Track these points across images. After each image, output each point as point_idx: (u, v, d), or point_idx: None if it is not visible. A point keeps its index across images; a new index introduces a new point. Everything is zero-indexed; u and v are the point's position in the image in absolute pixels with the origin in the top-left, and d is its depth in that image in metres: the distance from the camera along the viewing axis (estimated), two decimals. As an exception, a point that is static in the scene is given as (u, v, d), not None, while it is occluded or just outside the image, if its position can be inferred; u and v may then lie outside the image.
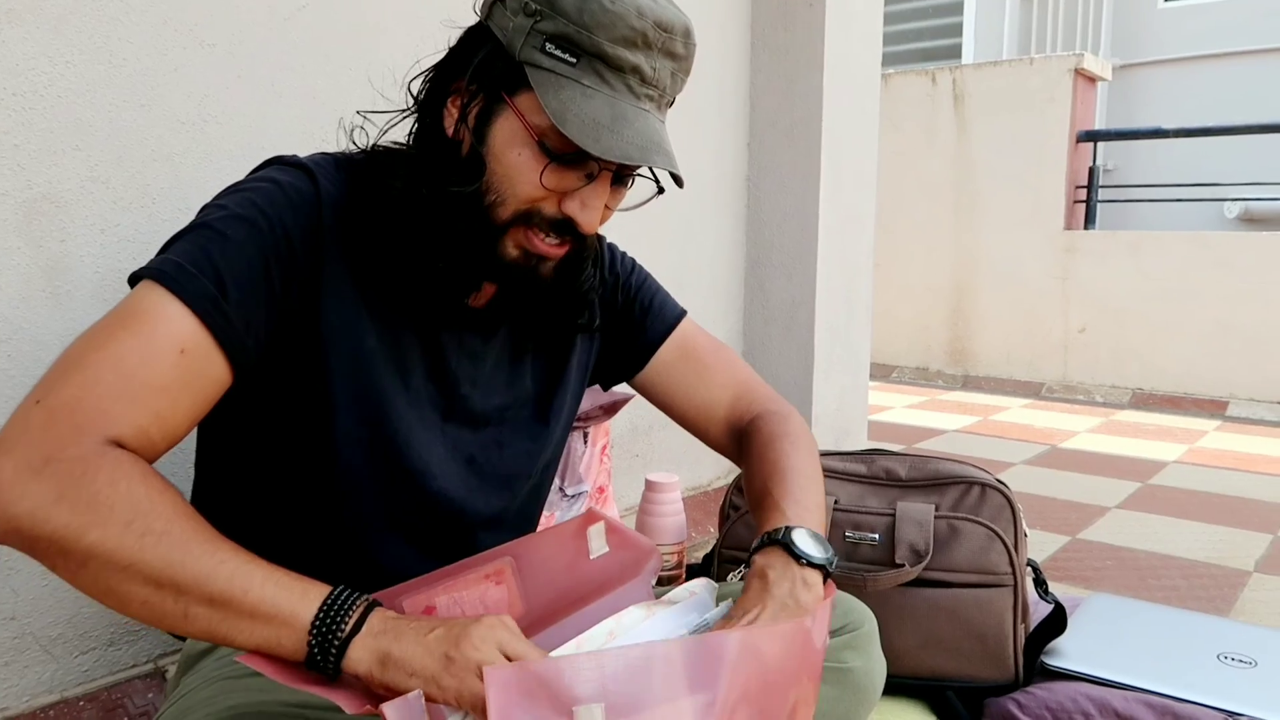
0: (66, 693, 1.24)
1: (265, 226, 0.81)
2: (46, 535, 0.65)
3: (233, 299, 0.78)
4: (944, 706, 1.40)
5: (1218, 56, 7.36)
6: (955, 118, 5.00)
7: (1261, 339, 4.28)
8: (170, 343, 0.74)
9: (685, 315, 1.14)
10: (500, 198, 0.83)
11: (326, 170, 0.87)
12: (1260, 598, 2.01)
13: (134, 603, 0.67)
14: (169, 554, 0.67)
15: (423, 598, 0.81)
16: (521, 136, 0.82)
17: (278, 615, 0.68)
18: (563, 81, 0.80)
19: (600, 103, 0.80)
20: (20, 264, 1.17)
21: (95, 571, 0.66)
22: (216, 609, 0.67)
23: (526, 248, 0.85)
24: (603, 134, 0.78)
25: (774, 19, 2.42)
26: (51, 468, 0.66)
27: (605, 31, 0.79)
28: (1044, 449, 3.46)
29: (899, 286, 5.16)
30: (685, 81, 0.87)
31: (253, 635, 0.68)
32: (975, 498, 1.41)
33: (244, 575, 0.68)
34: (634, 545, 0.95)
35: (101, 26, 1.21)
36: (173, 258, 0.78)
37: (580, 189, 0.83)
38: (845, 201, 2.51)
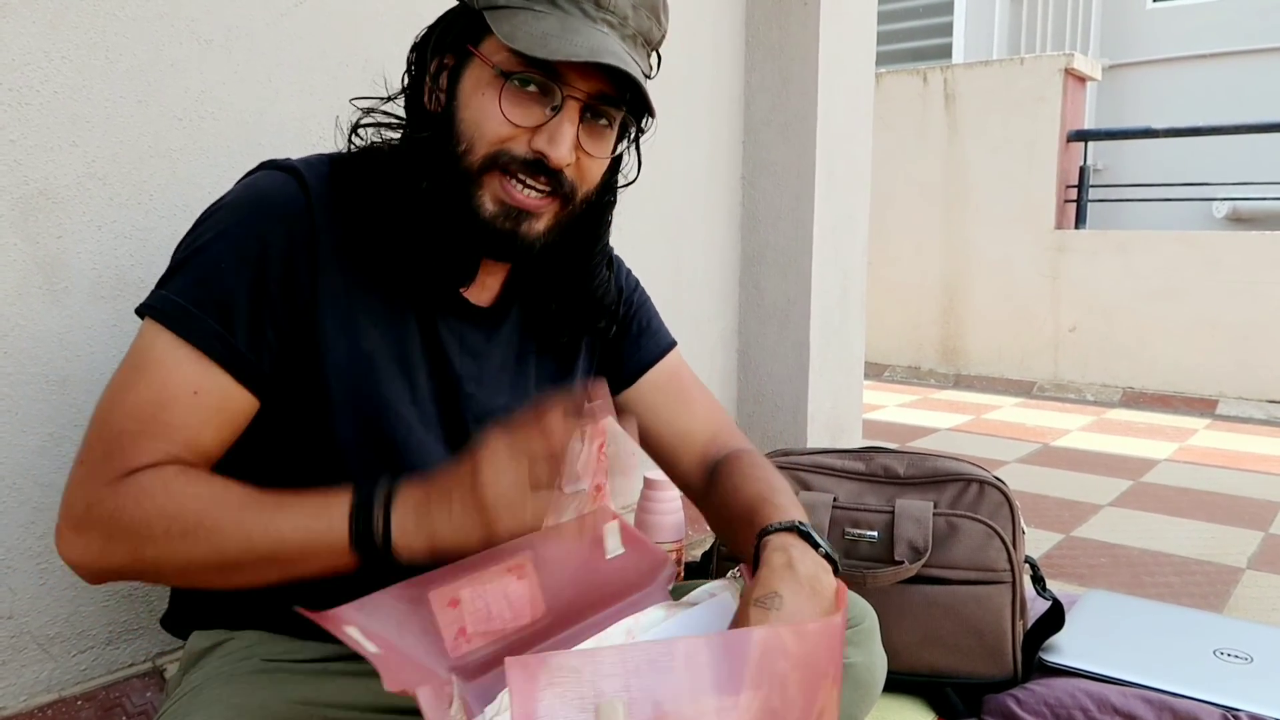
0: (64, 692, 1.23)
1: (256, 245, 0.82)
2: (115, 568, 0.77)
3: (239, 332, 0.81)
4: (943, 703, 1.40)
5: (1207, 57, 7.41)
6: (946, 117, 5.02)
7: (1250, 338, 4.31)
8: (183, 388, 0.79)
9: (676, 345, 1.14)
10: (469, 144, 0.83)
11: (318, 171, 0.87)
12: (1253, 594, 2.02)
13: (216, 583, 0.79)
14: (209, 541, 0.74)
15: (448, 590, 0.80)
16: (486, 77, 0.83)
17: (322, 548, 0.75)
18: (516, 12, 0.81)
19: (551, 21, 0.80)
20: (16, 260, 1.16)
21: (171, 576, 0.80)
22: (274, 563, 0.75)
23: (504, 199, 0.84)
24: (550, 40, 0.79)
25: (768, 17, 2.42)
26: (92, 515, 0.76)
27: None
28: (1036, 447, 3.48)
29: (891, 285, 5.18)
30: (656, 23, 0.87)
31: (318, 567, 0.76)
32: (974, 495, 1.41)
33: (274, 529, 0.75)
34: (648, 551, 0.95)
35: (98, 22, 1.20)
36: (174, 297, 0.81)
37: (547, 123, 0.83)
38: (839, 200, 2.52)
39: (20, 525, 1.19)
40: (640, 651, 0.65)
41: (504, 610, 0.83)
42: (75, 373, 1.21)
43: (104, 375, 1.26)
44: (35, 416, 1.19)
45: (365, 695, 0.85)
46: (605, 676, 0.62)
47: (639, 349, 1.09)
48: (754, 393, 2.56)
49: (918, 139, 5.09)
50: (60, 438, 1.21)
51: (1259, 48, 7.21)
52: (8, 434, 1.17)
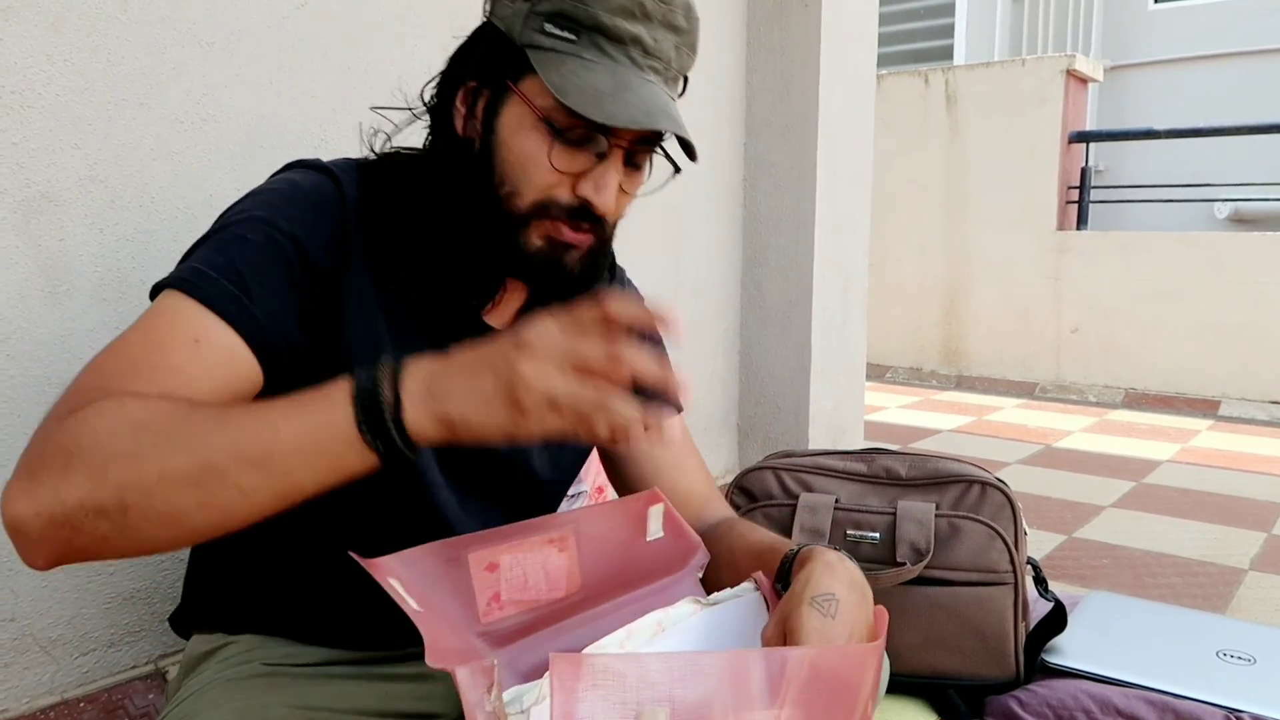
0: (67, 694, 1.23)
1: (286, 228, 0.80)
2: (76, 503, 0.61)
3: (256, 298, 0.76)
4: (945, 704, 1.40)
5: (1208, 58, 7.40)
6: (948, 118, 5.02)
7: (1252, 339, 4.30)
8: (182, 333, 0.73)
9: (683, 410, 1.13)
10: (514, 188, 0.83)
11: (348, 173, 0.86)
12: (1256, 595, 2.02)
13: (192, 512, 0.63)
14: (188, 444, 0.63)
15: (487, 553, 0.79)
16: (529, 120, 0.81)
17: (321, 439, 0.64)
18: (564, 58, 0.79)
19: (602, 73, 0.79)
20: (19, 263, 1.16)
21: (138, 508, 0.62)
22: (264, 468, 0.63)
23: (553, 236, 0.84)
24: (605, 101, 0.78)
25: (769, 19, 2.42)
26: (50, 445, 0.64)
27: (602, 4, 0.78)
28: (1038, 448, 3.48)
29: (892, 287, 5.17)
30: (692, 59, 0.87)
31: (317, 469, 0.64)
32: (975, 496, 1.41)
33: (267, 422, 0.64)
34: (685, 536, 0.94)
35: (100, 25, 1.20)
36: (192, 264, 0.77)
37: (592, 170, 0.82)
38: (841, 201, 2.52)
39: (22, 527, 1.19)
40: (686, 661, 0.65)
41: (540, 581, 0.83)
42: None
43: (106, 377, 1.26)
44: (37, 418, 1.17)
45: (365, 699, 0.85)
46: (650, 684, 0.62)
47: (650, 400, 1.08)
48: (755, 394, 2.56)
49: (919, 140, 5.09)
50: (62, 440, 1.21)
51: (1260, 49, 7.21)
52: (9, 436, 1.17)
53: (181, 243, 1.30)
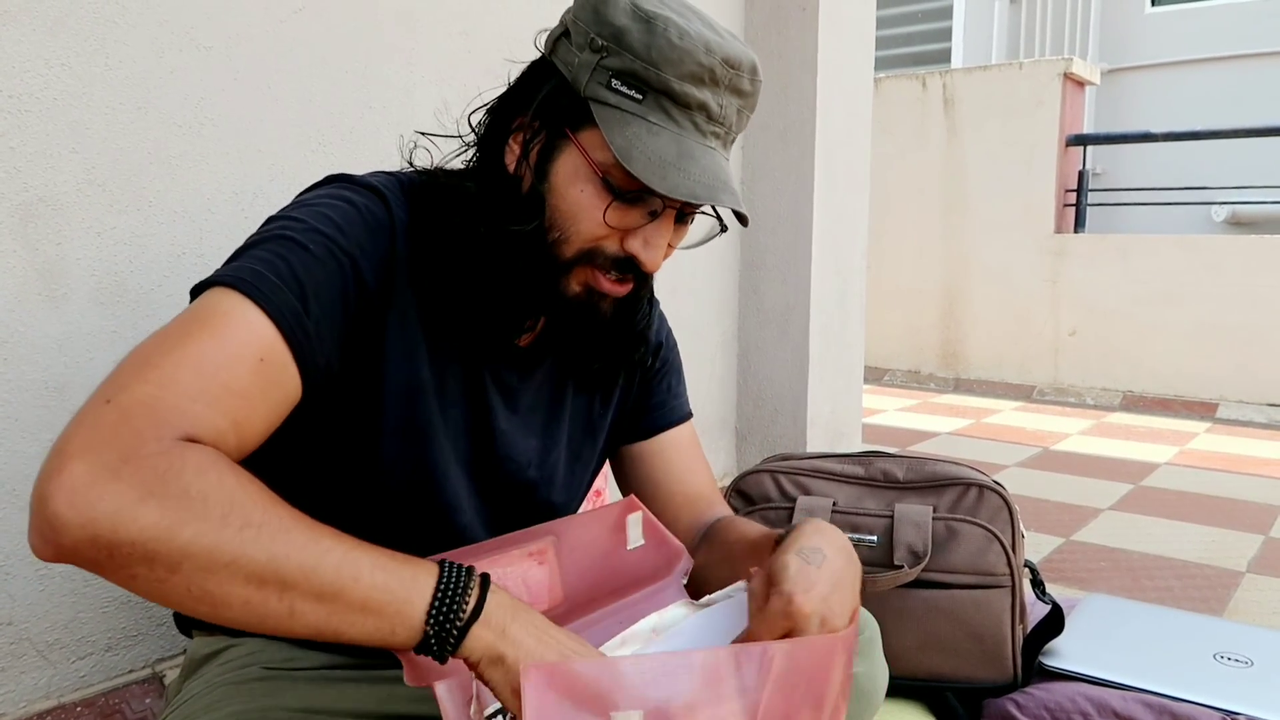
0: (64, 698, 1.23)
1: (345, 246, 0.79)
2: (131, 538, 0.59)
3: (314, 315, 0.75)
4: (943, 707, 1.40)
5: (1205, 61, 7.42)
6: (945, 121, 5.02)
7: (1250, 341, 4.31)
8: (251, 349, 0.71)
9: (693, 415, 1.14)
10: (563, 235, 0.82)
11: (394, 194, 0.85)
12: (1253, 598, 2.02)
13: (234, 604, 0.61)
14: (272, 546, 0.62)
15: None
16: (585, 173, 0.81)
17: (390, 605, 0.64)
18: (628, 118, 0.78)
19: (666, 140, 0.78)
20: (16, 267, 1.16)
21: (190, 574, 0.60)
22: (325, 603, 0.63)
23: (591, 285, 0.84)
24: (669, 172, 0.77)
25: (767, 23, 2.43)
26: (131, 466, 0.60)
27: (673, 68, 0.77)
28: (1036, 451, 3.48)
29: (890, 290, 5.18)
30: (750, 118, 0.86)
31: (364, 628, 0.64)
32: (973, 499, 1.41)
33: (351, 563, 0.64)
34: (667, 543, 0.95)
35: (98, 29, 1.20)
36: (253, 265, 0.74)
37: (643, 226, 0.82)
38: (838, 204, 2.52)
39: (20, 531, 1.19)
40: (658, 662, 0.65)
41: (521, 594, 0.82)
42: (74, 379, 1.22)
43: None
44: (34, 423, 1.19)
45: (365, 702, 0.85)
46: (623, 687, 0.62)
47: (664, 408, 1.09)
48: (753, 397, 2.56)
49: (917, 143, 5.10)
50: (60, 444, 1.21)
51: (1258, 51, 7.22)
52: (7, 440, 1.17)
53: (179, 246, 1.31)
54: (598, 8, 0.80)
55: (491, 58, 1.74)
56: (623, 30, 0.78)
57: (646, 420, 1.08)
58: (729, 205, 0.80)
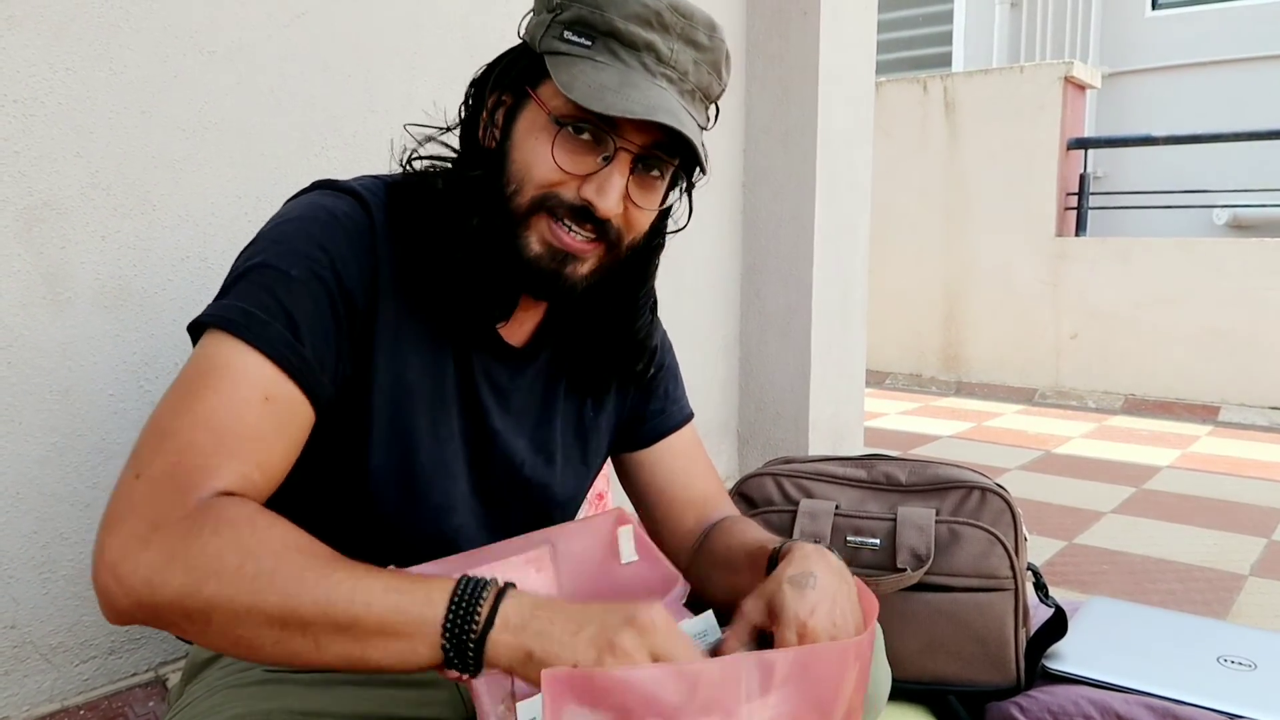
0: (67, 701, 1.23)
1: (326, 262, 0.80)
2: (167, 600, 0.65)
3: (306, 340, 0.77)
4: (946, 711, 1.40)
5: (1206, 64, 7.42)
6: (946, 125, 5.03)
7: (1251, 345, 4.31)
8: (254, 393, 0.74)
9: (694, 415, 1.15)
10: (518, 185, 0.83)
11: (376, 196, 0.86)
12: (1256, 601, 2.02)
13: (266, 646, 0.66)
14: (284, 589, 0.65)
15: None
16: (540, 121, 0.82)
17: (406, 625, 0.66)
18: (576, 60, 0.80)
19: (611, 74, 0.80)
20: (21, 270, 1.16)
21: (221, 625, 0.65)
22: (345, 634, 0.65)
23: (550, 241, 0.84)
24: (608, 94, 0.78)
25: (769, 27, 2.43)
26: (159, 534, 0.66)
27: (617, 9, 0.80)
28: (1038, 454, 3.47)
29: (891, 293, 5.18)
30: (717, 79, 0.87)
31: (387, 651, 0.66)
32: (976, 502, 1.41)
33: (364, 591, 0.66)
34: (660, 565, 0.94)
35: (102, 33, 1.21)
36: (239, 304, 0.76)
37: (597, 172, 0.82)
38: (840, 208, 2.52)
39: (23, 535, 1.19)
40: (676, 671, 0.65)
41: None
42: (78, 383, 1.22)
43: (107, 385, 1.27)
44: (38, 426, 1.19)
45: (367, 705, 0.85)
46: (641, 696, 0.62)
47: (663, 414, 1.09)
48: (755, 401, 2.56)
49: (918, 147, 5.10)
50: (63, 448, 1.21)
51: (1259, 55, 7.22)
52: (11, 444, 1.17)
53: (183, 250, 1.31)
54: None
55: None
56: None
57: (646, 428, 1.08)
58: (669, 123, 0.79)
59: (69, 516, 1.23)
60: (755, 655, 0.68)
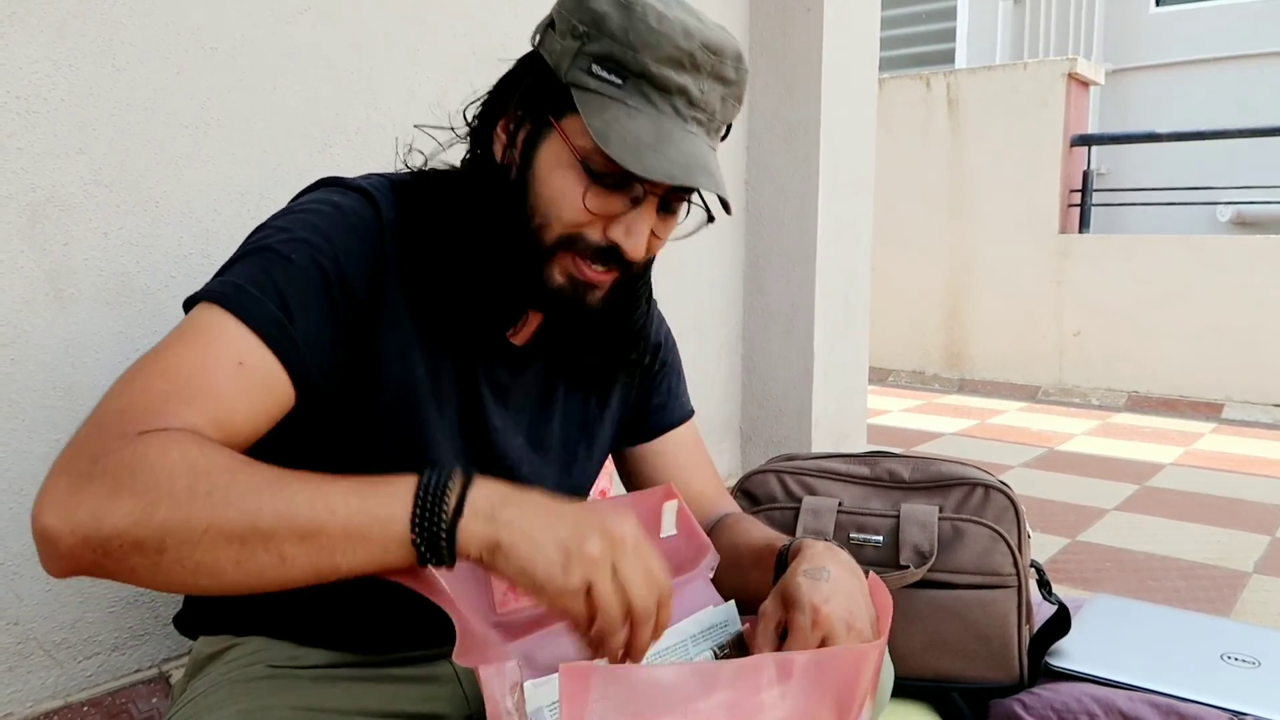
0: (70, 698, 1.23)
1: (328, 251, 0.79)
2: (115, 531, 0.61)
3: (297, 322, 0.76)
4: (949, 708, 1.40)
5: (1210, 61, 7.41)
6: (949, 122, 5.02)
7: (1255, 342, 4.30)
8: (228, 354, 0.73)
9: (695, 413, 1.15)
10: (544, 221, 0.82)
11: (384, 194, 0.86)
12: (1260, 599, 2.02)
13: (228, 569, 0.63)
14: (242, 502, 0.63)
15: None
16: (566, 159, 0.81)
17: (373, 526, 0.64)
18: (607, 102, 0.78)
19: (644, 122, 0.78)
20: (23, 267, 1.16)
21: (176, 552, 0.61)
22: (309, 542, 0.63)
23: (574, 274, 0.84)
24: (645, 153, 0.77)
25: (772, 23, 2.43)
26: (100, 465, 0.63)
27: (651, 51, 0.77)
28: (1041, 451, 3.47)
29: (894, 290, 5.17)
30: (738, 109, 0.86)
31: (357, 556, 0.64)
32: (979, 499, 1.41)
33: (324, 497, 0.64)
34: (696, 537, 0.94)
35: (105, 30, 1.21)
36: (233, 280, 0.76)
37: (625, 214, 0.82)
38: (843, 205, 2.52)
39: (27, 532, 1.19)
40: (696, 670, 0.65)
41: None
42: (81, 379, 1.22)
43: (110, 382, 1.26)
44: (42, 423, 1.19)
45: (370, 700, 0.86)
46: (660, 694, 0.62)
47: (665, 409, 1.10)
48: (758, 398, 2.56)
49: (921, 144, 5.09)
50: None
51: (1262, 51, 7.21)
52: (15, 440, 1.17)
53: (186, 247, 1.31)
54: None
55: (497, 59, 1.74)
56: (602, 16, 0.79)
57: (648, 423, 1.09)
58: (707, 188, 0.80)
59: (72, 513, 1.23)
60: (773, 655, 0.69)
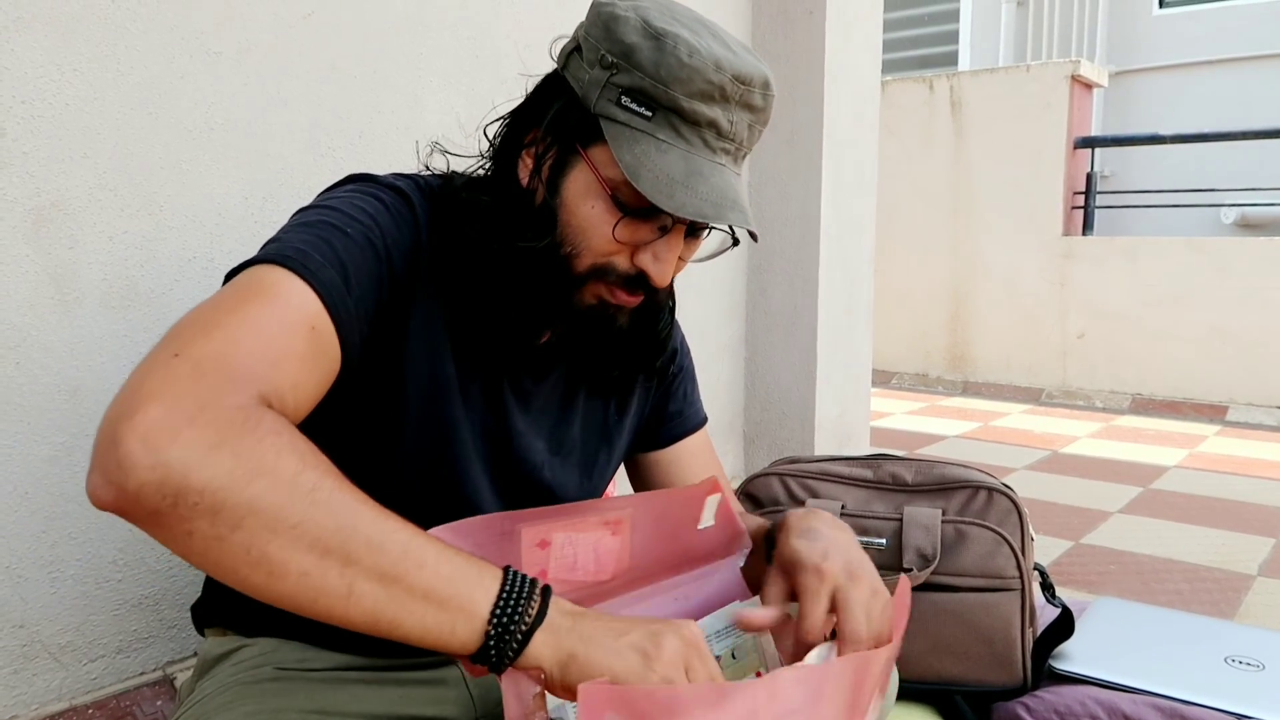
0: (75, 700, 1.23)
1: (379, 234, 0.80)
2: (201, 485, 0.57)
3: (354, 294, 0.76)
4: (952, 711, 1.40)
5: (1213, 63, 7.40)
6: (953, 124, 5.02)
7: (1259, 344, 4.29)
8: (304, 316, 0.71)
9: (708, 419, 1.16)
10: (575, 250, 0.83)
11: (416, 196, 0.86)
12: (1264, 601, 2.01)
13: (291, 574, 0.59)
14: (341, 513, 0.60)
15: (541, 529, 0.78)
16: (595, 189, 0.81)
17: (454, 599, 0.63)
18: (637, 135, 0.78)
19: (675, 157, 0.78)
20: (29, 271, 1.17)
21: (252, 532, 0.58)
22: (387, 585, 0.61)
23: (605, 298, 0.85)
24: (677, 190, 0.77)
25: (775, 26, 2.43)
26: (208, 415, 0.59)
27: (682, 86, 0.77)
28: (1045, 454, 3.47)
29: (898, 293, 5.17)
30: (763, 132, 0.85)
31: (423, 620, 0.62)
32: (982, 502, 1.41)
33: (419, 549, 0.63)
34: (733, 525, 0.95)
35: (109, 34, 1.21)
36: (297, 244, 0.75)
37: (653, 242, 0.83)
38: (846, 207, 2.52)
39: (32, 534, 1.19)
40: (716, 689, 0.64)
41: (590, 563, 0.82)
42: (86, 382, 1.22)
43: (114, 385, 1.27)
44: (47, 426, 1.20)
45: (378, 703, 0.86)
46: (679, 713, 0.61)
47: (681, 416, 1.10)
48: (761, 400, 2.56)
49: (924, 146, 5.09)
50: (71, 447, 1.22)
51: (1266, 53, 7.20)
52: (20, 444, 1.18)
53: (190, 250, 1.31)
54: (609, 24, 0.80)
55: (500, 63, 1.74)
56: (633, 48, 0.78)
57: (665, 430, 1.09)
58: (738, 224, 0.80)
59: (77, 516, 1.23)
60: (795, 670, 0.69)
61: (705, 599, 0.93)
